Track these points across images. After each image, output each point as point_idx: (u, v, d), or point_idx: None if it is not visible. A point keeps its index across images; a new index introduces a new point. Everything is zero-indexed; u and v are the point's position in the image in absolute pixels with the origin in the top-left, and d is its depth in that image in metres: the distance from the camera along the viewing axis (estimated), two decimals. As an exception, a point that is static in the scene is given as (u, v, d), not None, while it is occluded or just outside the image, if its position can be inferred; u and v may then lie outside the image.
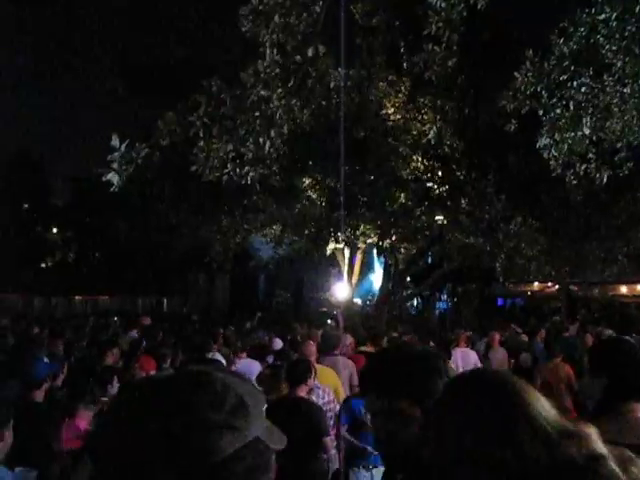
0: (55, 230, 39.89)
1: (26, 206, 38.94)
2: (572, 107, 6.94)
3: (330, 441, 5.56)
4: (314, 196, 14.52)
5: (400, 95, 13.27)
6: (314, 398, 5.99)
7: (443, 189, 14.30)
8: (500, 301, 32.86)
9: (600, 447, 1.13)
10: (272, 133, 5.55)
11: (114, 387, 6.08)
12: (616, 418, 2.53)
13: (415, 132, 13.20)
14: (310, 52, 5.42)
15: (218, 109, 5.62)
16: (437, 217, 14.96)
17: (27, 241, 35.67)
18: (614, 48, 6.72)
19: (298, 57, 5.41)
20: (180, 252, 20.75)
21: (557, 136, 6.99)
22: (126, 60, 16.13)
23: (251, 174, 5.83)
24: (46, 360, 6.93)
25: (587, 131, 6.89)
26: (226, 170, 5.86)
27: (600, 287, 26.86)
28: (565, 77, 6.99)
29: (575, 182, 8.17)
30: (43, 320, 18.08)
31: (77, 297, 37.64)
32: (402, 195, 14.18)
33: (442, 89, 12.08)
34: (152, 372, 6.20)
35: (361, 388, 2.33)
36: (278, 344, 10.92)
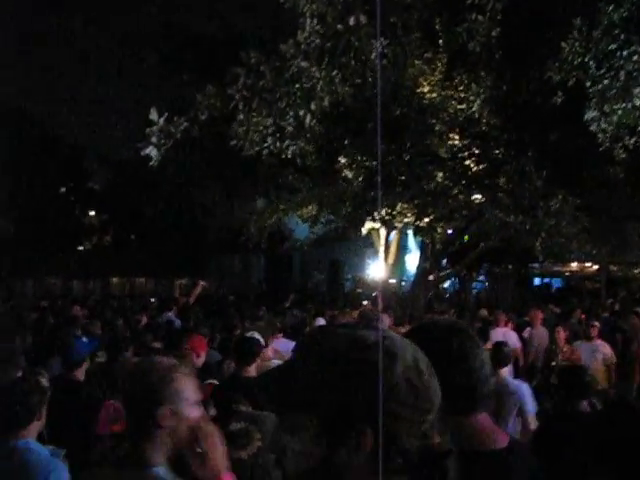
0: (92, 213, 40.37)
1: (63, 190, 39.40)
2: (622, 77, 6.69)
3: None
4: (350, 175, 14.35)
5: (436, 73, 13.02)
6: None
7: (481, 167, 14.02)
8: (537, 281, 32.49)
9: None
10: (312, 106, 5.42)
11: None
12: None
13: (452, 110, 12.96)
14: (352, 21, 5.28)
15: (257, 82, 5.51)
16: (475, 196, 14.71)
17: (65, 225, 36.12)
18: (667, 14, 6.45)
19: (340, 26, 5.26)
20: (215, 233, 20.80)
21: (606, 108, 6.75)
22: (164, 35, 16.08)
23: (292, 148, 5.72)
24: (85, 340, 6.96)
25: (638, 102, 6.64)
26: (266, 144, 5.76)
27: (640, 267, 26.41)
28: (614, 46, 6.74)
29: (623, 156, 7.90)
30: (82, 301, 18.29)
31: (114, 279, 38.13)
32: (439, 174, 13.95)
33: (481, 65, 11.82)
34: (202, 353, 6.12)
35: None
36: (320, 323, 10.86)
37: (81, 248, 40.30)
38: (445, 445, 1.25)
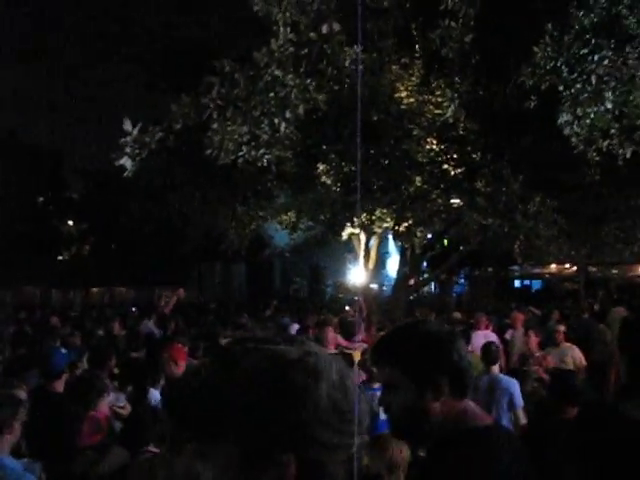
0: (71, 223, 40.09)
1: (42, 199, 39.12)
2: (594, 81, 6.76)
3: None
4: (329, 181, 14.36)
5: (413, 78, 13.08)
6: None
7: (459, 171, 14.09)
8: (517, 284, 32.71)
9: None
10: (287, 114, 5.42)
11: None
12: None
13: (429, 115, 13.02)
14: (324, 29, 5.29)
15: (232, 91, 5.50)
16: (453, 200, 14.78)
17: (43, 234, 35.84)
18: (637, 19, 6.53)
19: (312, 34, 5.27)
20: (195, 241, 20.71)
21: (579, 111, 6.83)
22: (138, 44, 15.99)
23: (267, 156, 5.72)
24: (64, 351, 6.91)
25: (609, 105, 6.72)
26: (241, 153, 5.75)
27: (618, 268, 26.67)
28: (586, 51, 6.81)
29: (597, 159, 7.99)
30: (61, 312, 18.15)
31: (94, 289, 37.86)
32: (417, 178, 14.00)
33: (456, 69, 11.90)
34: (182, 362, 6.12)
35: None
36: (294, 329, 10.90)
37: (60, 258, 39.99)
38: (375, 467, 1.18)
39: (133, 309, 20.58)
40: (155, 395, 6.00)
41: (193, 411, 1.06)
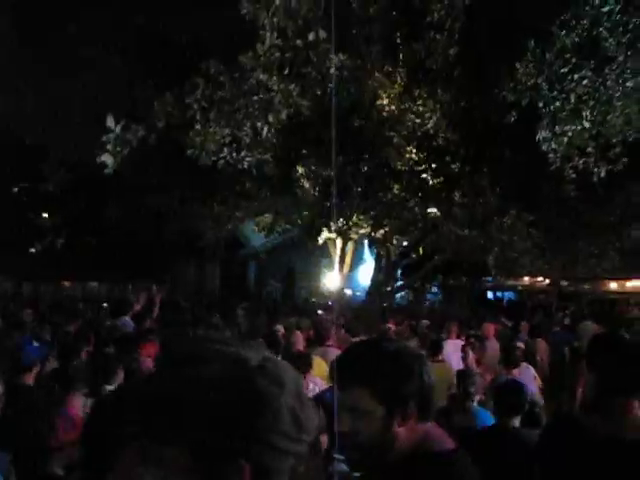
0: (45, 215, 39.60)
1: (16, 190, 38.63)
2: (573, 100, 6.89)
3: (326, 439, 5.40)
4: (307, 185, 14.39)
5: (396, 86, 13.15)
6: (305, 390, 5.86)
7: (437, 181, 14.20)
8: (490, 295, 32.95)
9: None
10: (270, 118, 5.44)
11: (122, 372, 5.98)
12: (608, 415, 2.50)
13: (410, 123, 13.10)
14: (311, 37, 5.32)
15: (216, 92, 5.52)
16: (430, 209, 14.89)
17: (17, 226, 35.38)
18: (616, 41, 6.65)
19: (299, 41, 5.31)
20: (170, 239, 20.62)
21: (557, 129, 6.94)
22: (124, 42, 15.94)
23: (247, 159, 5.74)
24: (35, 344, 6.85)
25: (587, 124, 6.84)
26: (222, 154, 5.76)
27: (590, 283, 26.96)
28: (566, 70, 6.93)
29: (573, 176, 8.11)
30: (32, 305, 17.93)
31: (66, 283, 37.45)
32: (396, 186, 14.09)
33: (439, 81, 12.00)
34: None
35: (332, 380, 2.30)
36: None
37: (32, 250, 39.50)
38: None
39: (104, 305, 20.39)
40: None
41: (150, 413, 1.01)
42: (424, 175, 14.14)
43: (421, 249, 18.05)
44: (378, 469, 1.85)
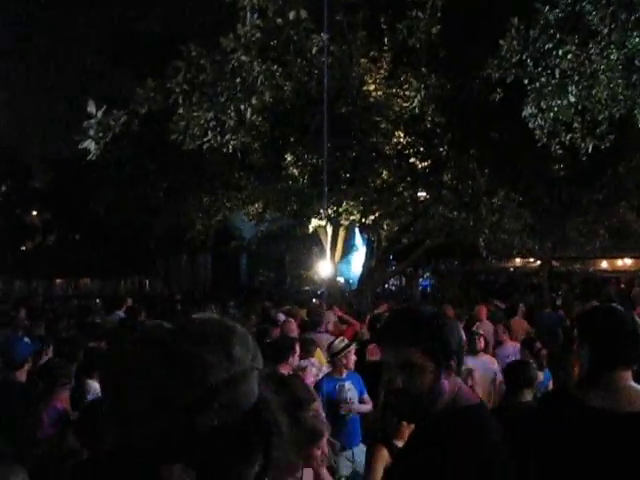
0: (35, 213, 39.44)
1: (4, 188, 38.44)
2: (558, 75, 6.87)
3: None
4: (296, 173, 14.34)
5: (382, 71, 13.12)
6: (308, 375, 5.92)
7: (426, 164, 14.19)
8: (482, 278, 33.03)
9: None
10: (253, 100, 5.40)
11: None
12: (603, 387, 2.50)
13: (397, 108, 13.07)
14: (291, 16, 5.28)
15: (198, 76, 5.47)
16: (420, 193, 14.88)
17: (6, 224, 35.24)
18: (600, 15, 6.63)
19: (279, 20, 5.26)
20: (161, 232, 20.56)
21: (543, 104, 6.93)
22: (104, 29, 15.87)
23: (232, 142, 5.69)
24: (27, 340, 6.80)
25: (573, 99, 6.83)
26: (206, 138, 5.72)
27: (581, 262, 27.08)
28: (550, 45, 6.91)
29: (560, 152, 8.11)
30: (24, 302, 17.87)
31: (58, 280, 37.36)
32: (384, 171, 14.07)
33: (423, 61, 11.96)
34: None
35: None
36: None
37: (23, 248, 39.36)
38: None
39: (97, 301, 20.35)
40: (94, 386, 5.69)
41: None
42: (412, 159, 14.13)
43: (412, 233, 18.06)
44: (427, 419, 2.07)
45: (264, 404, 1.06)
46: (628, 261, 26.20)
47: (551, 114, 6.96)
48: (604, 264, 26.74)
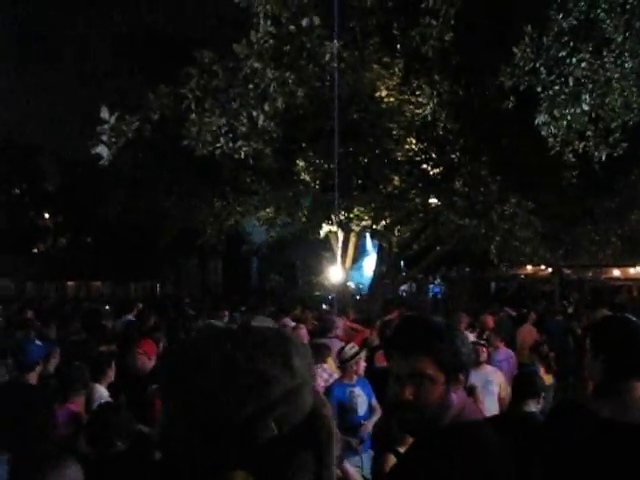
0: (47, 215, 39.68)
1: (18, 191, 38.68)
2: (571, 83, 6.84)
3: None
4: (307, 178, 14.36)
5: (394, 78, 13.12)
6: (319, 380, 5.93)
7: (437, 171, 14.17)
8: (493, 285, 32.91)
9: None
10: (266, 107, 5.41)
11: (112, 371, 5.94)
12: (617, 398, 2.47)
13: (409, 114, 13.07)
14: (304, 23, 5.28)
15: (210, 82, 5.49)
16: (431, 199, 14.85)
17: (19, 226, 35.47)
18: (614, 23, 6.60)
19: (292, 27, 5.27)
20: (172, 236, 20.62)
21: (556, 113, 6.89)
22: (118, 34, 15.91)
23: (244, 149, 5.70)
24: (38, 343, 6.82)
25: (586, 107, 6.79)
26: (219, 144, 5.72)
27: (592, 270, 26.90)
28: (564, 53, 6.88)
29: (573, 160, 8.06)
30: (35, 305, 17.93)
31: (69, 283, 37.51)
32: (396, 177, 14.05)
33: (436, 68, 11.95)
34: (153, 356, 6.07)
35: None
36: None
37: (35, 250, 39.59)
38: None
39: (107, 307, 20.35)
40: (100, 391, 5.70)
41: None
42: (424, 165, 14.11)
43: (423, 240, 18.02)
44: (433, 432, 2.00)
45: (318, 415, 1.08)
46: (640, 269, 26.02)
47: (564, 122, 6.92)
48: (616, 272, 26.52)
